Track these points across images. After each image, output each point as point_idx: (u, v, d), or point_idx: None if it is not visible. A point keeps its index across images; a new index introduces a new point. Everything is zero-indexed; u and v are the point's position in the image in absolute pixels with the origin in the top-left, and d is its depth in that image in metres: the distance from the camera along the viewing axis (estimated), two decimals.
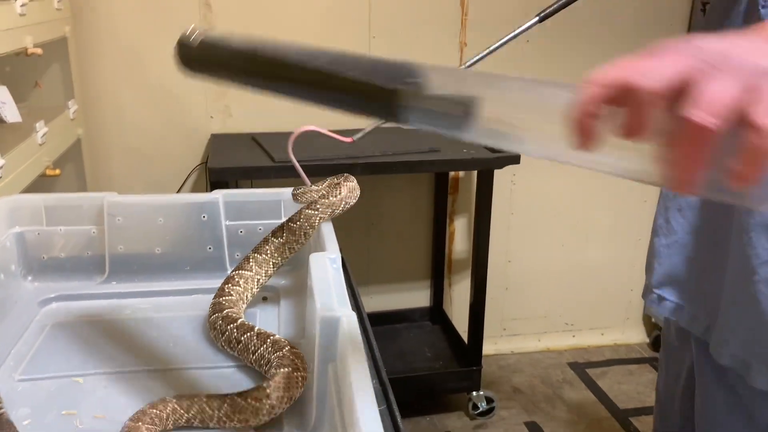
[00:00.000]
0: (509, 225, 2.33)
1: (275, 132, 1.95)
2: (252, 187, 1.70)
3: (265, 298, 0.94)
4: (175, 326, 0.86)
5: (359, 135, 1.03)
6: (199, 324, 0.87)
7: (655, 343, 2.51)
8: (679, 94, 0.37)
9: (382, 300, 2.34)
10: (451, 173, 2.23)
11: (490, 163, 1.83)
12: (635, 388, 2.28)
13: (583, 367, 2.39)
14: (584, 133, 0.39)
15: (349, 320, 0.63)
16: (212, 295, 0.85)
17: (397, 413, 0.71)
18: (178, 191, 1.99)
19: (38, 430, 0.66)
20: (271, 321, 0.89)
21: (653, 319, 2.51)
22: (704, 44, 0.38)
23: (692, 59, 0.37)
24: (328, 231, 0.85)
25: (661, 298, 0.97)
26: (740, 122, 0.35)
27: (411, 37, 2.07)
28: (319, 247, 0.83)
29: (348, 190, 0.88)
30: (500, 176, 2.22)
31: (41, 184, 1.40)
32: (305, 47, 0.48)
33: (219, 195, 0.96)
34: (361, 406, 0.50)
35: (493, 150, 1.90)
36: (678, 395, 1.02)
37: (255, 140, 1.85)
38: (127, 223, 0.94)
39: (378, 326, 2.30)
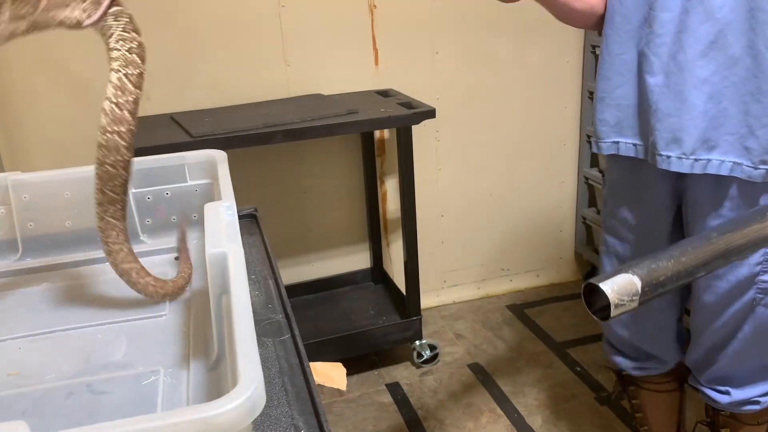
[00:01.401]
0: (438, 181, 2.41)
1: (193, 110, 1.97)
2: None
3: (176, 258, 0.98)
4: (91, 289, 0.90)
5: None
6: (115, 283, 0.90)
7: (587, 278, 2.64)
8: None
9: (324, 266, 2.40)
10: (377, 135, 2.28)
11: (407, 119, 1.89)
12: (570, 321, 2.41)
13: (521, 308, 2.51)
14: None
15: (235, 255, 0.68)
16: None
17: (299, 340, 0.77)
18: None
19: None
20: None
21: (585, 257, 2.63)
22: None
23: None
24: (225, 184, 0.89)
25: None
26: None
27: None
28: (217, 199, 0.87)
29: None
30: (424, 134, 2.29)
31: None
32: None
33: None
34: (240, 336, 0.55)
35: (409, 106, 1.96)
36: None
37: (173, 119, 1.87)
38: (34, 200, 0.97)
39: (322, 292, 2.37)
